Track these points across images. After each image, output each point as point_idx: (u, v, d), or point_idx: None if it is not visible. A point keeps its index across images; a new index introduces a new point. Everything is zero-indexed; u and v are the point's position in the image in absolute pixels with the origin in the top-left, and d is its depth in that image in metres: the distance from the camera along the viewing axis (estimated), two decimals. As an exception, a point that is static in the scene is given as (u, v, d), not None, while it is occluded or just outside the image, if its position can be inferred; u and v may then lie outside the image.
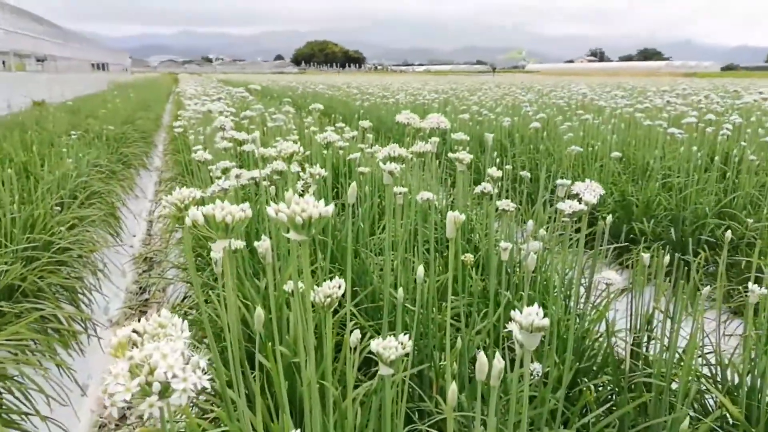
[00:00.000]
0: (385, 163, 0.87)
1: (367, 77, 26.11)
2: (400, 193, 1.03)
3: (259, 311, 0.69)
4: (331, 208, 0.54)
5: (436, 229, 2.17)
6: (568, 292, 1.72)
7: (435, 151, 1.30)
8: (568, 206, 0.89)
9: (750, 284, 1.02)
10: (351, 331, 0.79)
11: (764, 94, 3.95)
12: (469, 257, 1.35)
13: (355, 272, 1.69)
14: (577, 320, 1.49)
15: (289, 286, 0.87)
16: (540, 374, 1.05)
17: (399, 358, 0.58)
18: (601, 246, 2.76)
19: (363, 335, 1.17)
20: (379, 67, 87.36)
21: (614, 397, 1.35)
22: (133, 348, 0.43)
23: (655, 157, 3.12)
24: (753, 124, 3.35)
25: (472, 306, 1.45)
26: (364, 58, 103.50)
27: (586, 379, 1.36)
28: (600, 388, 1.41)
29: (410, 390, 1.25)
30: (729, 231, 1.47)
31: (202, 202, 0.66)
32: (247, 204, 0.58)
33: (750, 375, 1.25)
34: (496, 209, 1.40)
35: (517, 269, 1.68)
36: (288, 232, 0.54)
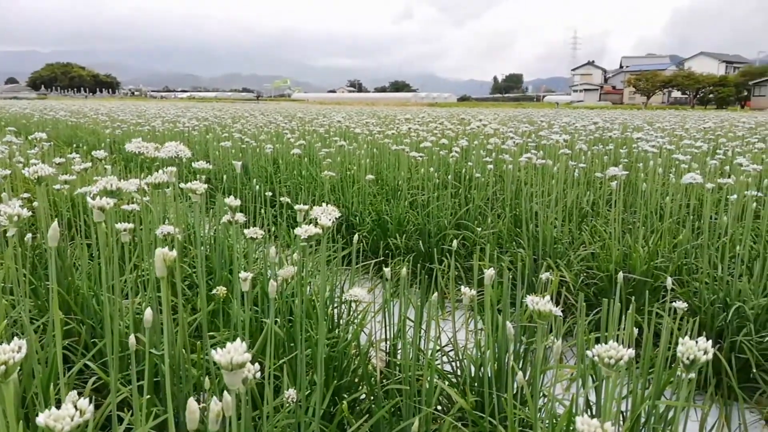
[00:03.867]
0: (96, 198, 0.77)
1: (121, 103, 24.04)
2: (125, 230, 0.94)
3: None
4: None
5: (189, 265, 2.07)
6: (332, 312, 1.77)
7: (174, 181, 1.22)
8: (304, 231, 0.91)
9: (463, 288, 1.15)
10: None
11: (484, 120, 4.65)
12: (222, 290, 1.29)
13: (93, 319, 1.50)
14: (336, 339, 1.53)
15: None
16: (294, 400, 1.04)
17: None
18: (358, 263, 2.90)
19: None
20: (136, 93, 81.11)
21: (373, 407, 1.42)
22: None
23: (403, 179, 3.43)
24: (477, 147, 3.91)
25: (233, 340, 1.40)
26: (118, 82, 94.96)
27: (346, 395, 1.40)
28: (361, 400, 1.48)
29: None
30: (455, 241, 1.66)
31: None
32: None
33: (482, 367, 1.43)
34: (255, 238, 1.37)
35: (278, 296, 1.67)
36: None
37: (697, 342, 0.63)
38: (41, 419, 0.47)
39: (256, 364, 0.70)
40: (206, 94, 77.75)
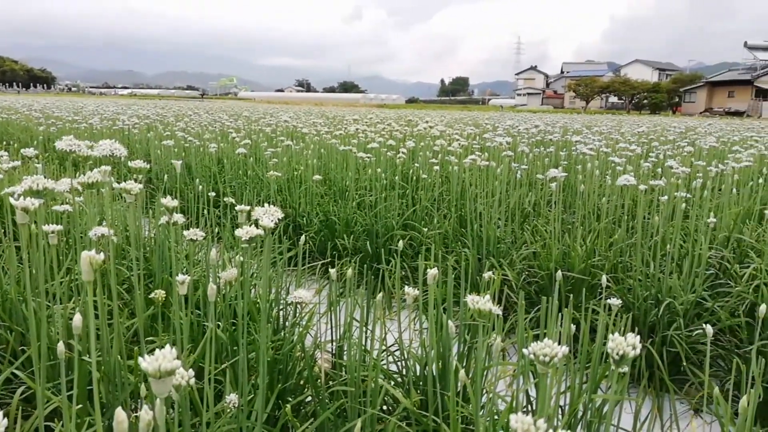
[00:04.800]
0: (20, 199, 0.72)
1: (56, 99, 22.97)
2: (53, 232, 0.89)
3: None
4: None
5: (128, 267, 1.99)
6: (277, 314, 1.75)
7: (109, 181, 1.17)
8: (245, 232, 0.89)
9: (406, 287, 1.16)
10: None
11: (431, 122, 4.70)
12: (161, 293, 1.25)
13: (22, 325, 1.43)
14: (281, 341, 1.51)
15: None
16: (237, 405, 1.02)
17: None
18: (305, 264, 2.88)
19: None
20: (73, 89, 77.63)
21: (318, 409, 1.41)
22: None
23: (351, 179, 3.42)
24: (424, 148, 3.95)
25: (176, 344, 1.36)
26: (54, 78, 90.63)
27: (290, 398, 1.39)
28: (307, 403, 1.46)
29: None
30: (402, 241, 1.67)
31: None
32: None
33: (426, 366, 1.44)
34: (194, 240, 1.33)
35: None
36: None
37: (626, 338, 0.66)
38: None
39: (191, 371, 0.68)
40: (149, 91, 75.27)
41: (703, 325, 1.26)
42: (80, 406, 0.95)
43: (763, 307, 1.29)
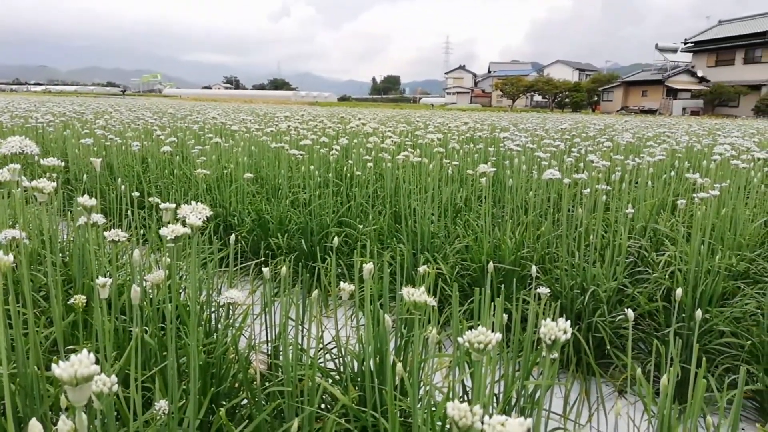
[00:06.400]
0: None
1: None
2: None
3: None
4: None
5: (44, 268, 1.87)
6: (209, 317, 1.69)
7: (18, 180, 1.09)
8: (170, 231, 0.85)
9: (342, 283, 1.15)
10: None
11: (363, 120, 4.71)
12: (81, 298, 1.18)
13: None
14: (213, 344, 1.46)
15: None
16: (167, 412, 0.98)
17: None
18: (237, 265, 2.81)
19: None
20: (-23, 85, 72.13)
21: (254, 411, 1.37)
22: None
23: (284, 177, 3.37)
24: (357, 146, 3.95)
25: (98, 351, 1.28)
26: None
27: (225, 402, 1.35)
28: (243, 406, 1.42)
29: None
30: (337, 238, 1.66)
31: None
32: None
33: (364, 362, 1.44)
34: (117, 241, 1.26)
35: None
36: None
37: (557, 323, 0.68)
38: None
39: (113, 377, 0.64)
40: (65, 87, 71.02)
41: (625, 310, 1.33)
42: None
43: (678, 291, 1.37)
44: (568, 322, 0.74)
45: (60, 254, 1.88)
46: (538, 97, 46.81)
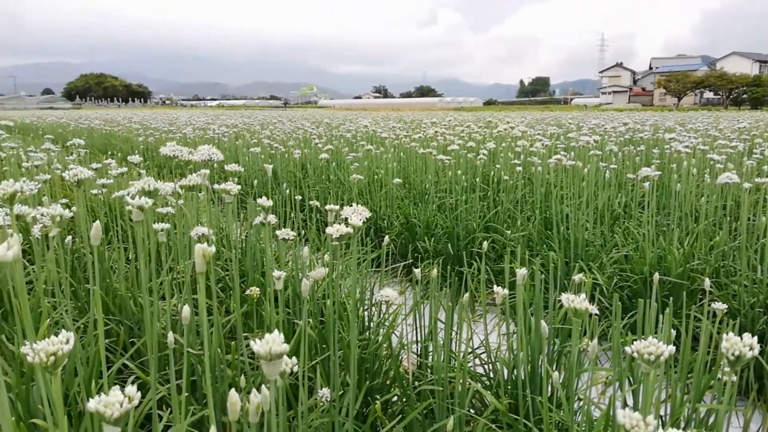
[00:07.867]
0: (135, 198, 0.79)
1: (152, 112, 24.62)
2: (162, 230, 0.96)
3: None
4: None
5: (223, 266, 2.10)
6: (362, 314, 1.78)
7: (207, 184, 1.24)
8: (335, 230, 0.91)
9: (495, 287, 1.14)
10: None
11: (511, 123, 4.61)
12: (255, 290, 1.31)
13: (131, 320, 1.53)
14: (366, 341, 1.53)
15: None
16: (329, 399, 1.05)
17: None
18: (388, 266, 2.91)
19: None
20: (167, 102, 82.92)
21: (406, 408, 1.41)
22: None
23: (431, 182, 3.42)
24: (505, 149, 3.88)
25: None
26: (149, 92, 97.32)
27: (378, 396, 1.41)
28: (394, 402, 1.48)
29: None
30: (486, 243, 1.65)
31: None
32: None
33: (515, 369, 1.41)
34: (284, 239, 1.39)
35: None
36: None
37: (741, 338, 0.61)
38: (92, 405, 0.48)
39: (294, 358, 0.70)
40: (235, 102, 78.97)
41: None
42: (186, 395, 1.01)
43: None
44: (755, 338, 0.67)
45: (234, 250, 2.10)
46: (708, 94, 42.28)
